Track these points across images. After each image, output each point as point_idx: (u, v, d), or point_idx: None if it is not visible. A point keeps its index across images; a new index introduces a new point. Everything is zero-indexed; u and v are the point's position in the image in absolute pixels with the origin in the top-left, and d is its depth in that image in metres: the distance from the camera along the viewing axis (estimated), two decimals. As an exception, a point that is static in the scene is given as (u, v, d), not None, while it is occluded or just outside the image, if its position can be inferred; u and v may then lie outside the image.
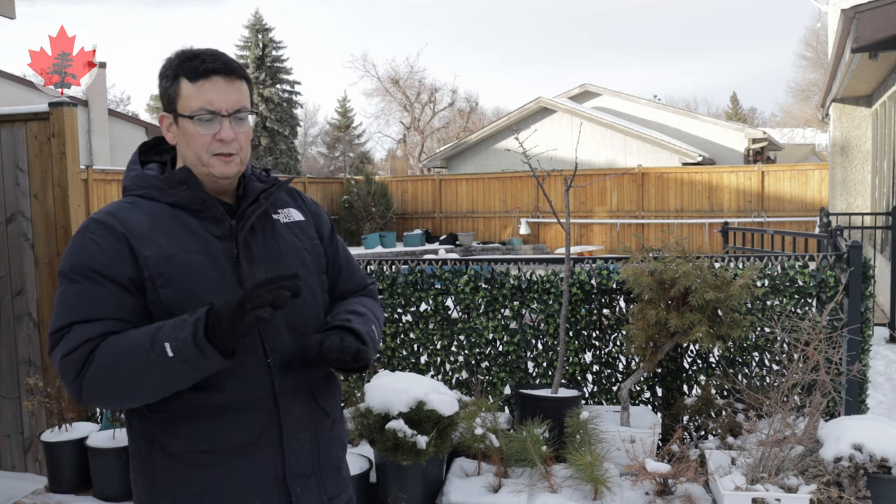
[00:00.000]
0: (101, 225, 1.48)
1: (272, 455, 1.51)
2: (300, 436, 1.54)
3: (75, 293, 1.44)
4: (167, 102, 1.53)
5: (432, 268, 4.36)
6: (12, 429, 4.06)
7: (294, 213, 1.67)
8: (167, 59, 1.54)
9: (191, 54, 1.52)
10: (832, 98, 11.48)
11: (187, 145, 1.52)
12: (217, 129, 1.49)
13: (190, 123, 1.49)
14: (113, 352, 1.38)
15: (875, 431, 3.28)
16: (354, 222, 18.68)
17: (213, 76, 1.49)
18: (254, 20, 31.88)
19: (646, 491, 3.42)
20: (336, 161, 42.57)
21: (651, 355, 3.81)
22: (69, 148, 3.85)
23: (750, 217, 16.01)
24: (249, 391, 1.48)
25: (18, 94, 15.39)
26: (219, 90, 1.49)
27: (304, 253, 1.63)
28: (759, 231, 8.95)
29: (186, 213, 1.52)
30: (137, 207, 1.52)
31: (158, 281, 1.44)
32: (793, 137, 32.19)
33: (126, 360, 1.37)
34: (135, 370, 1.36)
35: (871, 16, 6.73)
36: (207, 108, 1.48)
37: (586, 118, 20.36)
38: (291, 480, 1.53)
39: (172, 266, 1.45)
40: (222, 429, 1.47)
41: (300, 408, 1.55)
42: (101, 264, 1.44)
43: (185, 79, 1.50)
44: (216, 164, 1.51)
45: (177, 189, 1.52)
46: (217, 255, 1.50)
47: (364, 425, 3.45)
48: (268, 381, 1.50)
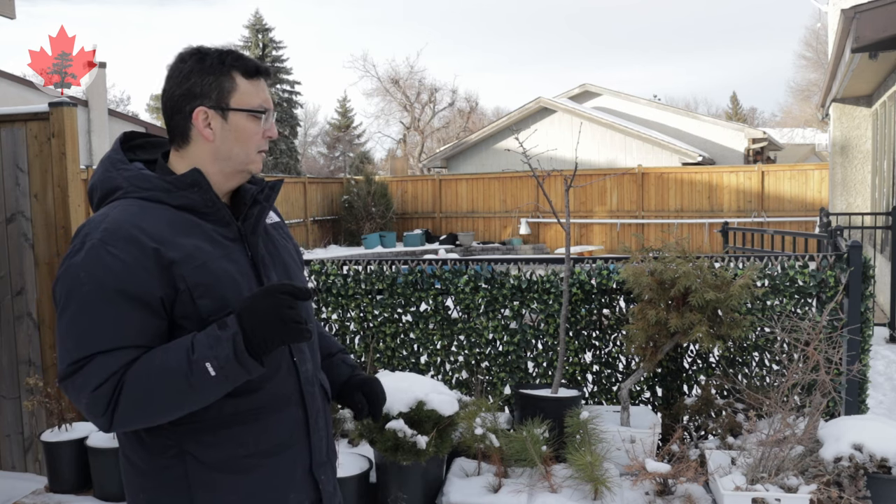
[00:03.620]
0: (121, 236, 1.36)
1: (302, 448, 1.55)
2: (320, 425, 1.59)
3: (95, 318, 1.34)
4: (217, 95, 1.46)
5: (432, 268, 4.36)
6: (12, 429, 4.06)
7: (273, 215, 1.69)
8: (207, 52, 1.49)
9: (237, 52, 1.52)
10: (832, 98, 11.49)
11: (236, 141, 1.48)
12: (268, 127, 1.53)
13: (247, 119, 1.49)
14: (146, 380, 1.31)
15: (875, 431, 3.28)
16: (354, 222, 18.69)
17: (262, 77, 1.53)
18: (254, 20, 31.90)
19: (646, 491, 3.42)
20: (336, 161, 42.57)
21: (651, 355, 3.81)
22: (69, 148, 3.85)
23: (750, 217, 16.02)
24: (283, 390, 1.50)
25: (18, 94, 15.39)
26: (266, 90, 1.54)
27: (293, 252, 1.67)
28: (759, 231, 8.95)
29: (196, 217, 1.46)
30: (150, 212, 1.41)
31: (196, 292, 1.38)
32: (793, 137, 32.19)
33: (162, 387, 1.31)
34: (173, 395, 1.32)
35: (871, 16, 6.73)
36: (266, 105, 1.52)
37: (586, 118, 20.36)
38: (317, 469, 1.58)
39: (207, 275, 1.40)
40: (262, 431, 1.47)
41: (317, 399, 1.60)
42: (127, 283, 1.34)
43: (241, 74, 1.48)
44: (258, 160, 1.53)
45: (187, 191, 1.45)
46: (238, 259, 1.48)
47: (364, 425, 3.45)
48: (296, 378, 1.53)
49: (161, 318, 1.38)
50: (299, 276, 1.64)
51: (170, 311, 1.39)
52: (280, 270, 1.57)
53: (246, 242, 1.52)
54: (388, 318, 4.39)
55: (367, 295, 4.40)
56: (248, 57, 1.52)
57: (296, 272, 1.63)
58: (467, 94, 49.17)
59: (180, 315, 1.39)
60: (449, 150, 22.95)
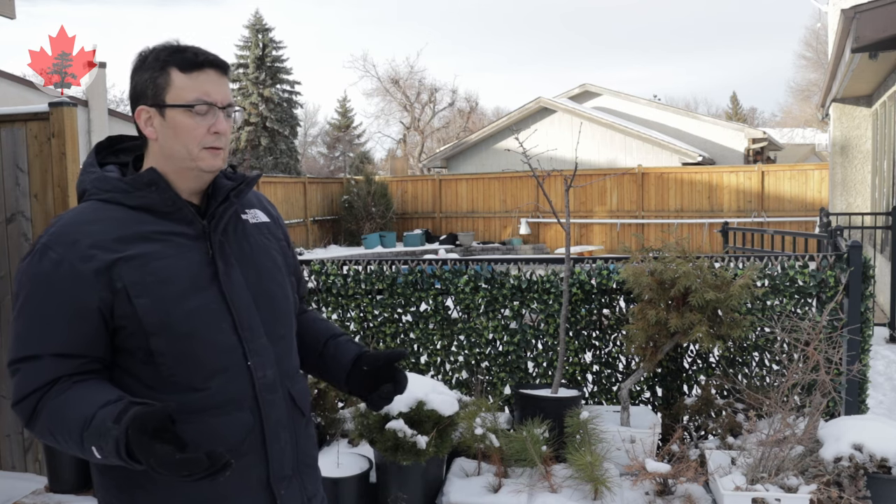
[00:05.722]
0: (63, 240, 1.38)
1: (255, 459, 1.48)
2: (282, 436, 1.52)
3: (28, 322, 1.37)
4: (153, 93, 1.45)
5: (432, 268, 4.36)
6: (12, 429, 4.06)
7: (260, 214, 1.64)
8: (148, 51, 1.48)
9: (179, 46, 1.47)
10: (832, 98, 11.49)
11: (176, 138, 1.45)
12: (212, 122, 1.45)
13: (182, 115, 1.44)
14: (54, 425, 1.33)
15: (875, 431, 3.28)
16: (354, 222, 18.69)
17: (207, 68, 1.46)
18: (254, 20, 31.88)
19: (646, 491, 3.42)
20: (336, 161, 42.57)
21: (651, 355, 3.81)
22: (69, 148, 3.85)
23: (750, 217, 16.02)
24: (231, 393, 1.45)
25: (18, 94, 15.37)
26: (213, 82, 1.46)
27: (275, 254, 1.61)
28: (759, 231, 8.95)
29: (154, 217, 1.44)
30: (102, 214, 1.43)
31: (133, 291, 1.37)
32: (793, 137, 32.18)
33: (65, 439, 1.32)
34: (74, 449, 1.33)
35: (871, 16, 6.73)
36: (204, 99, 1.45)
37: (586, 118, 20.36)
38: (276, 482, 1.51)
39: (146, 274, 1.39)
40: (207, 432, 1.42)
41: (280, 408, 1.52)
42: (59, 289, 1.36)
43: (177, 69, 1.44)
44: (206, 157, 1.46)
45: (144, 191, 1.44)
46: (191, 257, 1.45)
47: (364, 425, 3.45)
48: (249, 383, 1.47)
49: (93, 327, 1.38)
50: (276, 277, 1.58)
51: (110, 317, 1.38)
52: (249, 269, 1.52)
53: (209, 240, 1.48)
54: (388, 318, 4.39)
55: (367, 295, 4.40)
56: (188, 50, 1.46)
57: (272, 273, 1.57)
58: (467, 94, 49.22)
59: (120, 315, 1.38)
60: (449, 150, 22.95)
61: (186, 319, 1.40)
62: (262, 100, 30.86)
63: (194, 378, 1.41)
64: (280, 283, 1.59)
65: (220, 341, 1.44)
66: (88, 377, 1.38)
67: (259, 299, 1.52)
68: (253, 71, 31.16)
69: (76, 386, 1.36)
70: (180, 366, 1.41)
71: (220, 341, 1.44)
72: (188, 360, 1.41)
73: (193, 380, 1.41)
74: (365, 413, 3.46)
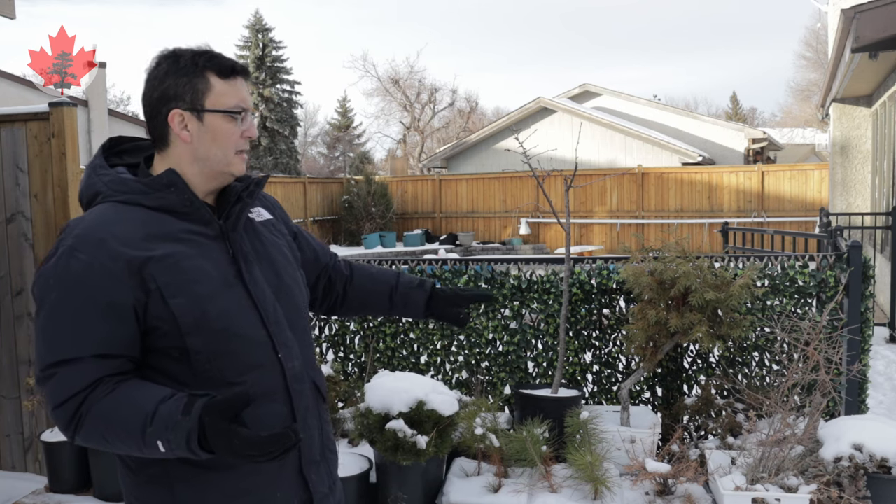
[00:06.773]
0: (91, 241, 1.37)
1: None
2: (310, 423, 1.58)
3: (60, 325, 1.35)
4: (191, 97, 1.46)
5: (432, 268, 4.36)
6: (12, 429, 4.06)
7: (263, 212, 1.69)
8: (181, 54, 1.49)
9: (213, 52, 1.51)
10: (832, 98, 11.49)
11: (213, 142, 1.48)
12: (245, 127, 1.51)
13: (222, 120, 1.48)
14: (105, 425, 1.33)
15: (875, 431, 3.28)
16: (354, 222, 18.70)
17: (239, 75, 1.51)
18: (254, 20, 31.89)
19: (646, 491, 3.42)
20: (336, 161, 42.58)
21: (651, 355, 3.81)
22: (69, 148, 3.85)
23: (750, 217, 16.02)
24: (266, 386, 1.50)
25: (18, 94, 15.38)
26: (244, 89, 1.52)
27: (285, 249, 1.67)
28: (759, 231, 8.95)
29: (174, 217, 1.46)
30: (125, 215, 1.43)
31: (167, 291, 1.38)
32: (793, 137, 32.20)
33: (120, 438, 1.33)
34: (129, 448, 1.34)
35: (871, 16, 6.73)
36: (242, 105, 1.50)
37: (586, 118, 20.36)
38: (307, 468, 1.57)
39: (179, 273, 1.41)
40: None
41: (307, 397, 1.58)
42: (94, 290, 1.35)
43: (216, 74, 1.47)
44: (238, 161, 1.52)
45: (163, 192, 1.45)
46: (215, 256, 1.48)
47: (364, 425, 3.45)
48: (280, 375, 1.52)
49: (130, 326, 1.38)
50: (290, 271, 1.63)
51: (143, 317, 1.39)
52: (266, 266, 1.57)
53: (227, 240, 1.51)
54: (388, 318, 4.39)
55: (367, 295, 4.39)
56: (223, 56, 1.51)
57: (286, 268, 1.62)
58: (467, 94, 49.23)
59: (154, 316, 1.39)
60: (449, 150, 22.96)
61: (221, 317, 1.44)
62: (262, 100, 30.87)
63: (229, 373, 1.44)
64: (293, 276, 1.65)
65: (253, 336, 1.48)
66: (128, 377, 1.39)
67: (279, 294, 1.57)
68: (253, 71, 31.18)
69: (121, 386, 1.36)
70: (216, 362, 1.44)
71: (253, 336, 1.48)
72: (224, 357, 1.45)
73: (228, 375, 1.45)
74: (365, 413, 3.46)
